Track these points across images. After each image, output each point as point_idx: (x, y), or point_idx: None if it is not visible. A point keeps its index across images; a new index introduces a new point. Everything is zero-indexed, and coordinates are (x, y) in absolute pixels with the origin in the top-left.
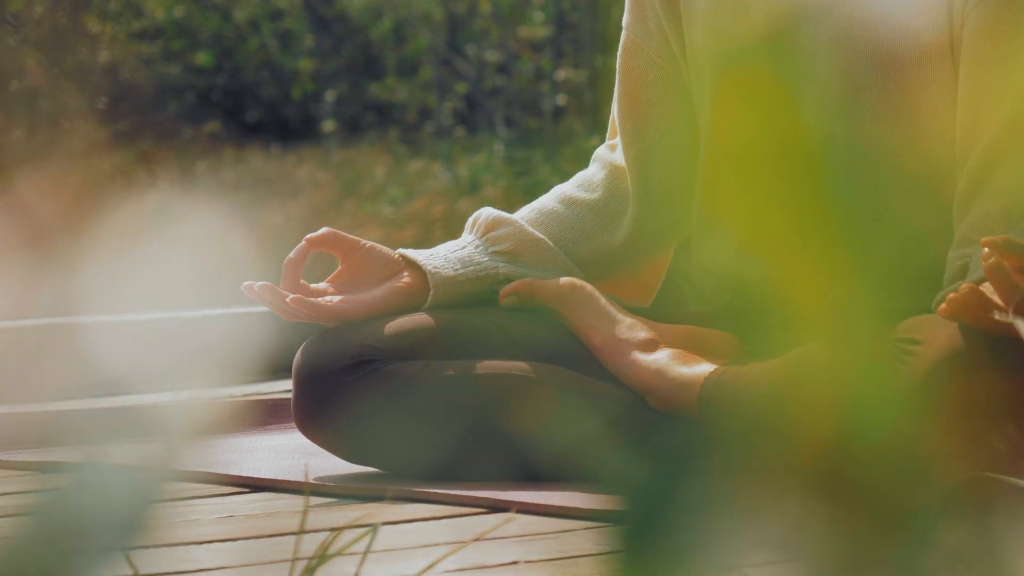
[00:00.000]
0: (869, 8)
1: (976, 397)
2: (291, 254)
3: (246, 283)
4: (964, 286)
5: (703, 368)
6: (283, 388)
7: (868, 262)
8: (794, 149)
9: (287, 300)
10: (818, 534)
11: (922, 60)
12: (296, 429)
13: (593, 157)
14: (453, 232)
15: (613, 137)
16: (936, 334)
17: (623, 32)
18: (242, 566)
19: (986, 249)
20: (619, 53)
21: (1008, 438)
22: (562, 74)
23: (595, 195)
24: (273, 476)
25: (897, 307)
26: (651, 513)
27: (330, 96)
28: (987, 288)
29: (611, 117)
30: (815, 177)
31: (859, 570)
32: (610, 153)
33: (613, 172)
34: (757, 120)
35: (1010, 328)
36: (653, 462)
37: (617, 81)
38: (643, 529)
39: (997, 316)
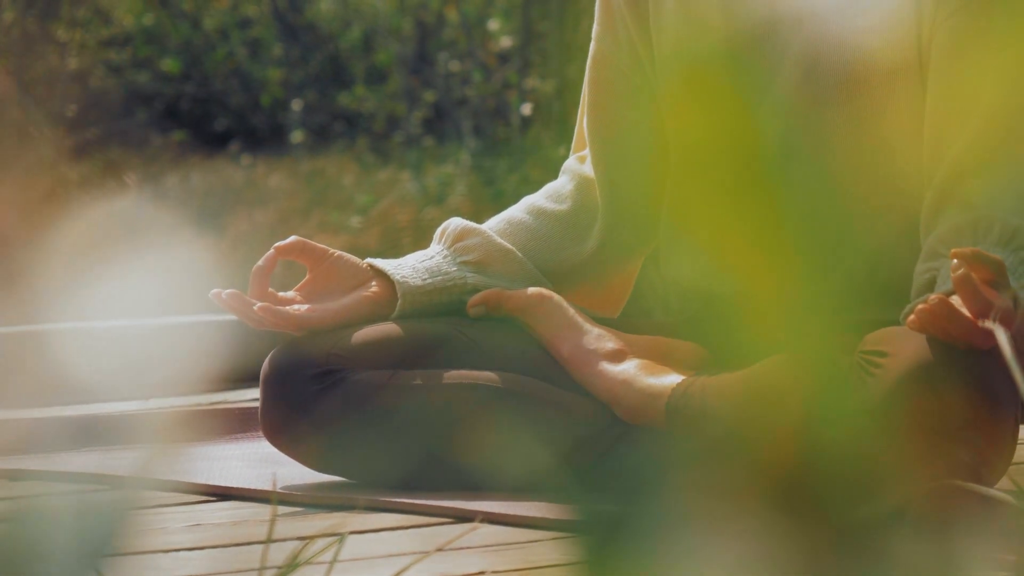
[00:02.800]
0: (838, 23)
1: (943, 409)
2: (259, 262)
3: (214, 291)
4: (933, 297)
5: (671, 379)
6: (250, 397)
7: (835, 274)
8: (759, 162)
9: (255, 308)
10: (780, 547)
11: (891, 76)
12: (263, 438)
13: (562, 169)
14: (421, 241)
15: (579, 149)
16: (904, 346)
17: (592, 43)
18: (209, 575)
19: (955, 261)
20: (588, 64)
21: (974, 450)
22: (530, 84)
23: (564, 206)
24: (240, 485)
25: (865, 319)
26: (615, 526)
27: (298, 105)
28: (956, 300)
29: (577, 128)
30: (780, 189)
31: None
32: (579, 165)
33: (582, 183)
34: (721, 132)
35: (977, 340)
36: (618, 476)
37: (586, 92)
38: (607, 542)
39: (981, 324)
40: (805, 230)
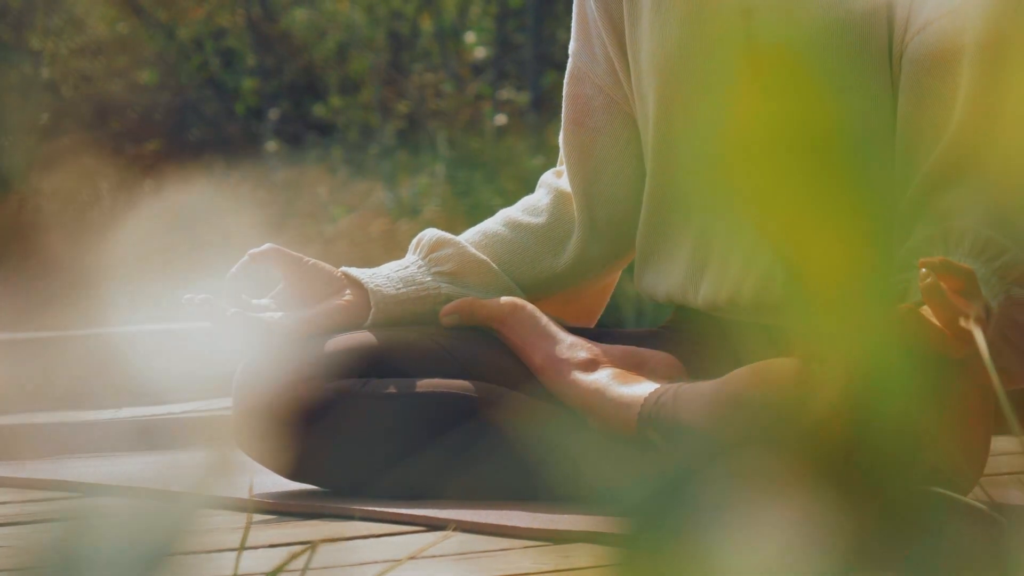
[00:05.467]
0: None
1: (915, 417)
2: (233, 268)
3: (187, 295)
4: (902, 307)
5: (643, 388)
6: (223, 405)
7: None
8: (744, 158)
9: (228, 314)
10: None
11: (864, 81)
12: (236, 445)
13: (539, 182)
14: (394, 252)
15: (562, 164)
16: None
17: (570, 59)
18: None
19: (923, 270)
20: (565, 80)
21: (948, 457)
22: (505, 95)
23: (540, 219)
24: (213, 492)
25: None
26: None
27: (273, 115)
28: (926, 310)
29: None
30: (766, 187)
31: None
32: (556, 179)
33: (559, 197)
34: (707, 127)
35: (947, 349)
36: (593, 483)
37: (563, 108)
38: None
39: (961, 322)
40: (796, 224)
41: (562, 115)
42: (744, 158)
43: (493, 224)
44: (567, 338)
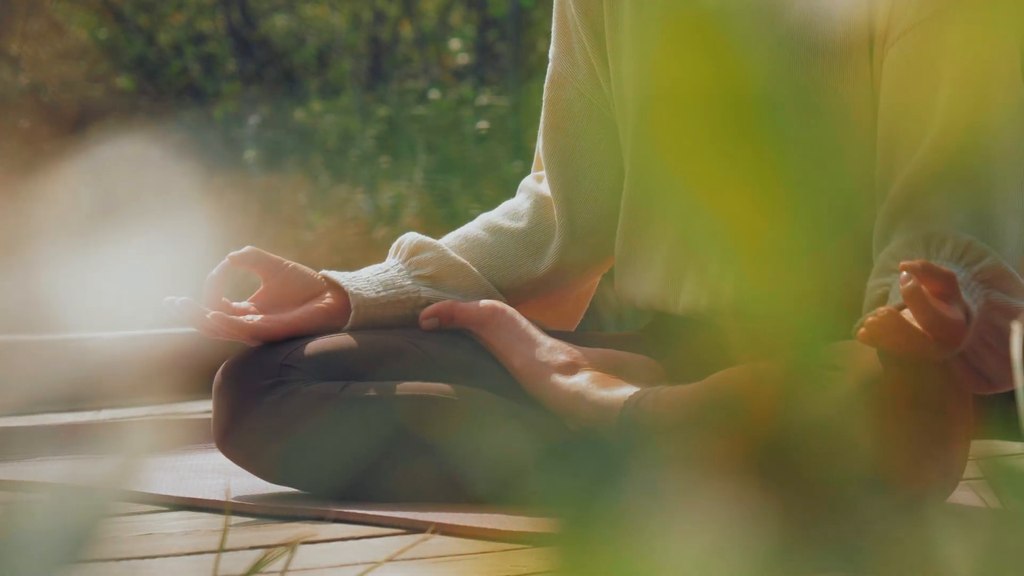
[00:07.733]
0: (796, 16)
1: (895, 423)
2: (213, 271)
3: (167, 298)
4: (882, 310)
5: (623, 391)
6: (203, 408)
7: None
8: (744, 117)
9: (208, 317)
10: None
11: (844, 84)
12: (216, 448)
13: (520, 187)
14: (373, 258)
15: (539, 169)
16: (854, 360)
17: (550, 64)
18: None
19: (904, 273)
20: (545, 85)
21: (932, 461)
22: (485, 100)
23: (520, 224)
24: (193, 495)
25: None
26: (589, 528)
27: (253, 120)
28: (907, 314)
29: (537, 150)
30: (766, 145)
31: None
32: (537, 184)
33: (539, 202)
34: (707, 84)
35: (928, 352)
36: (574, 487)
37: (543, 113)
38: (581, 547)
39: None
40: (769, 225)
41: (541, 120)
42: (723, 161)
43: (474, 228)
44: (547, 341)
